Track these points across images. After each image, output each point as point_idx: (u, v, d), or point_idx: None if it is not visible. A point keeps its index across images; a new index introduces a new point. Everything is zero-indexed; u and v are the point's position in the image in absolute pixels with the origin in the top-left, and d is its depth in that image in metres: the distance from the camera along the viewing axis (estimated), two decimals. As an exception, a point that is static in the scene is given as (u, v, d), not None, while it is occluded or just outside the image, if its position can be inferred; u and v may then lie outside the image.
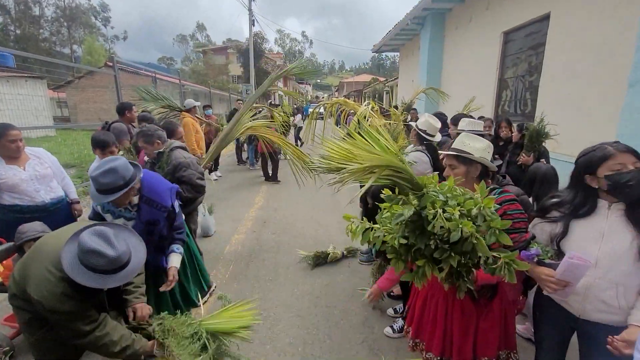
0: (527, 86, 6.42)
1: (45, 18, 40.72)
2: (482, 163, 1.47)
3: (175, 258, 2.01)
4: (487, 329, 1.49)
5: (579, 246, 1.29)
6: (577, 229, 1.31)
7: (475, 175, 1.50)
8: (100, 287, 1.35)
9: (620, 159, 1.20)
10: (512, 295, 1.56)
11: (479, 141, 1.50)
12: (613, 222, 1.25)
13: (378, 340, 2.40)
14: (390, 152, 1.24)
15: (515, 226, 1.36)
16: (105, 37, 51.01)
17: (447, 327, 1.56)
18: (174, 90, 11.37)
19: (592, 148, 1.30)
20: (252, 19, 18.78)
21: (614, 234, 1.24)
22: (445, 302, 1.55)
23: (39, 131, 10.09)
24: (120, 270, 1.37)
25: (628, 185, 1.16)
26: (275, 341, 2.41)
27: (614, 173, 1.20)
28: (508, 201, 1.41)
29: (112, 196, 1.64)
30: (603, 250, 1.25)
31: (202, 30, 69.61)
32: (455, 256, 1.12)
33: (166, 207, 1.93)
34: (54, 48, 41.08)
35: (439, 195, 1.15)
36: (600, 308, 1.27)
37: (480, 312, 1.51)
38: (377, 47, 14.59)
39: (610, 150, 1.23)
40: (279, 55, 48.33)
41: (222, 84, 27.87)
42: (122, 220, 1.85)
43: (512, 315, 1.56)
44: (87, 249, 1.30)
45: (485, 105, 7.31)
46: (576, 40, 4.88)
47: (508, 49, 6.97)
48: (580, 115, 4.82)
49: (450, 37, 9.44)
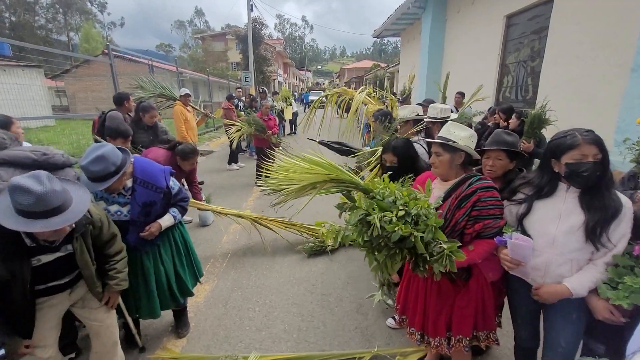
0: (528, 72, 6.30)
1: (40, 5, 40.00)
2: (465, 151, 1.54)
3: (167, 217, 2.02)
4: (462, 307, 1.59)
5: (540, 225, 1.42)
6: (538, 210, 1.44)
7: (459, 162, 1.56)
8: (22, 229, 1.24)
9: (584, 150, 1.29)
10: (493, 275, 1.60)
11: (464, 130, 1.56)
12: (569, 204, 1.37)
13: (371, 327, 2.44)
14: (328, 168, 1.46)
15: (490, 212, 1.47)
16: (102, 23, 50.28)
17: (426, 305, 1.68)
18: (171, 78, 11.26)
19: (564, 134, 1.37)
20: (251, 4, 18.35)
21: (569, 214, 1.36)
22: (424, 282, 1.66)
23: (38, 121, 10.07)
24: (52, 214, 1.24)
25: (582, 175, 1.29)
26: (271, 328, 2.46)
27: (573, 162, 1.30)
28: (483, 188, 1.47)
29: (105, 183, 1.64)
30: (560, 229, 1.37)
31: (201, 16, 68.38)
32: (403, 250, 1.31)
33: (161, 188, 1.94)
34: (51, 36, 40.52)
35: (386, 198, 1.32)
36: (558, 281, 1.40)
37: (458, 291, 1.60)
38: (377, 33, 14.29)
39: (577, 139, 1.30)
40: (278, 41, 47.45)
41: (221, 71, 27.52)
42: (117, 206, 1.85)
43: (490, 297, 1.61)
44: (13, 185, 1.19)
45: (486, 91, 7.21)
46: (579, 24, 4.76)
47: (510, 33, 6.81)
48: (581, 100, 4.74)
49: (452, 20, 9.23)
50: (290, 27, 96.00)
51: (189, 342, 2.32)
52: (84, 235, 1.53)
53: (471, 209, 1.46)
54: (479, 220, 1.47)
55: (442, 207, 1.52)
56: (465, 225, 1.49)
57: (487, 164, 1.76)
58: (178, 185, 2.12)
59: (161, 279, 2.04)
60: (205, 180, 6.09)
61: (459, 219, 1.48)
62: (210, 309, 2.66)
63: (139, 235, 1.91)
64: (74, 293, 1.66)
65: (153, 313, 2.06)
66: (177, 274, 2.15)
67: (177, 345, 2.28)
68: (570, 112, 4.73)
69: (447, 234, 1.49)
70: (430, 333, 1.67)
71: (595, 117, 4.41)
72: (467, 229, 1.49)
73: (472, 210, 1.46)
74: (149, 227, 1.93)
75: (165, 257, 2.08)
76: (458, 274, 1.56)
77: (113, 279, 1.70)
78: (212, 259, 3.46)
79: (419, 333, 1.73)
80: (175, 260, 2.14)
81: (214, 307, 2.68)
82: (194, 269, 2.28)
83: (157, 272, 2.03)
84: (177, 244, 2.17)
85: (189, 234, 2.28)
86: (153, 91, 4.82)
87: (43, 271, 1.46)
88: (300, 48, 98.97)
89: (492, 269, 1.59)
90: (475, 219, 1.47)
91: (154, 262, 2.02)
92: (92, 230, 1.58)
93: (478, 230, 1.48)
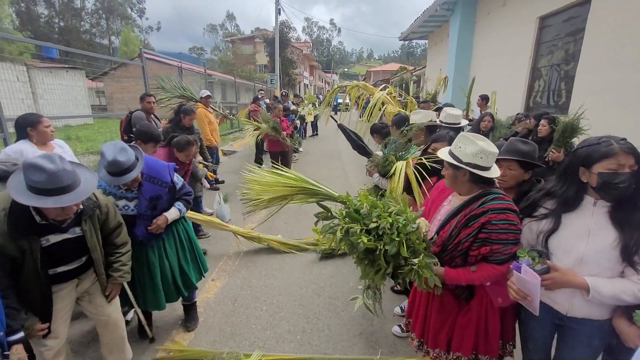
0: (562, 76, 5.96)
1: (86, 10, 43.01)
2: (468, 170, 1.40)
3: (172, 210, 2.13)
4: (463, 326, 1.53)
5: (567, 242, 1.28)
6: (564, 226, 1.29)
7: (465, 179, 1.43)
8: (35, 204, 1.33)
9: (620, 159, 1.15)
10: (503, 301, 1.48)
11: (471, 144, 1.39)
12: (599, 219, 1.24)
13: (375, 333, 2.41)
14: (298, 180, 1.64)
15: (501, 237, 1.33)
16: (141, 28, 53.13)
17: (427, 314, 1.65)
18: (200, 80, 11.68)
19: (596, 140, 1.23)
20: (278, 8, 18.71)
21: (599, 231, 1.22)
22: (427, 293, 1.61)
23: (78, 119, 10.81)
24: (63, 192, 1.33)
25: (617, 187, 1.15)
26: (276, 327, 2.49)
27: (608, 172, 1.16)
28: (497, 210, 1.34)
29: (131, 174, 1.77)
30: (589, 247, 1.23)
31: (232, 20, 70.54)
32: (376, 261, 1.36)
33: (167, 183, 2.07)
34: (94, 39, 43.42)
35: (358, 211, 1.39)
36: (587, 304, 1.27)
37: (461, 308, 1.55)
38: (404, 35, 14.08)
39: (614, 148, 1.16)
40: (305, 44, 47.96)
41: (248, 74, 28.21)
42: (124, 200, 1.97)
43: (494, 321, 1.51)
44: (27, 164, 1.30)
45: (515, 96, 6.89)
46: (618, 26, 4.45)
47: (543, 36, 6.48)
48: (619, 106, 4.43)
49: (481, 23, 8.92)
50: (318, 30, 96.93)
51: (196, 336, 2.39)
52: (91, 219, 1.63)
53: (478, 231, 1.36)
54: (486, 243, 1.36)
55: (450, 223, 1.45)
56: (469, 246, 1.40)
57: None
58: (182, 181, 2.23)
59: (166, 272, 2.13)
60: (226, 180, 6.26)
61: (462, 238, 1.39)
62: (219, 306, 2.73)
63: (146, 229, 2.01)
64: (80, 285, 1.74)
65: (158, 305, 2.15)
66: (182, 268, 2.25)
67: (185, 339, 2.36)
68: (607, 119, 4.43)
69: (449, 251, 1.44)
70: (429, 343, 1.64)
71: (633, 123, 4.10)
72: (472, 251, 1.40)
73: (479, 232, 1.36)
74: (155, 220, 2.04)
75: (170, 252, 2.18)
76: (458, 292, 1.51)
77: (117, 271, 1.79)
78: (225, 256, 3.55)
79: (418, 340, 1.71)
80: (179, 254, 2.24)
81: (222, 304, 2.75)
82: (198, 264, 2.37)
83: (162, 266, 2.12)
84: (181, 240, 2.27)
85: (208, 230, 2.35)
86: (174, 92, 5.01)
87: (52, 253, 1.53)
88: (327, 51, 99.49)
89: (502, 294, 1.47)
90: (482, 242, 1.37)
91: (159, 256, 2.12)
92: (100, 215, 1.67)
93: (484, 253, 1.38)
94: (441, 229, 1.49)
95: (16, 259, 1.42)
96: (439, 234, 1.50)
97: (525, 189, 1.65)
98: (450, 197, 1.60)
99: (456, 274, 1.44)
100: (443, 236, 1.47)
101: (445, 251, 1.46)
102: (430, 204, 1.70)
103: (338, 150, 9.93)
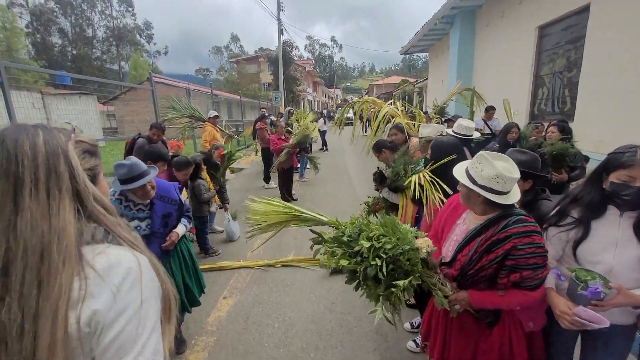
0: (565, 83, 6.00)
1: (97, 39, 44.88)
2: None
3: (180, 227, 2.29)
4: (486, 351, 1.43)
5: (595, 254, 1.28)
6: (592, 235, 1.29)
7: (478, 200, 1.34)
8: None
9: (634, 172, 1.17)
10: (534, 325, 1.42)
11: (490, 167, 1.27)
12: (625, 232, 1.24)
13: (390, 350, 2.37)
14: (289, 209, 1.84)
15: (529, 262, 1.25)
16: (149, 52, 54.98)
17: (447, 337, 1.55)
18: (207, 100, 11.99)
19: (627, 149, 1.23)
20: (281, 29, 19.30)
21: (627, 243, 1.23)
22: (445, 313, 1.51)
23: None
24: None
25: (622, 199, 1.20)
26: (289, 345, 2.46)
27: (618, 182, 1.20)
28: (521, 234, 1.25)
29: (145, 179, 1.92)
30: (617, 260, 1.24)
31: (236, 41, 72.67)
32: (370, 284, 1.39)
33: (176, 201, 2.22)
34: (105, 65, 45.09)
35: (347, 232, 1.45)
36: (615, 312, 1.27)
37: (482, 333, 1.45)
38: (405, 49, 14.35)
39: (631, 159, 1.18)
40: (308, 61, 49.04)
41: (253, 92, 28.87)
42: (137, 221, 2.04)
43: (520, 344, 1.40)
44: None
45: (519, 104, 6.91)
46: (619, 32, 4.50)
47: (544, 44, 6.57)
48: (624, 112, 4.42)
49: (480, 34, 9.07)
50: (320, 47, 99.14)
51: (210, 355, 2.38)
52: None
53: (503, 257, 1.27)
54: (516, 270, 1.28)
55: (469, 246, 1.37)
56: (495, 274, 1.31)
57: None
58: (183, 198, 2.36)
59: None
60: (234, 198, 6.30)
61: (485, 264, 1.31)
62: (231, 324, 2.72)
63: (160, 246, 2.10)
64: None
65: None
66: (186, 285, 2.33)
67: (199, 358, 2.35)
68: (611, 124, 4.42)
69: (470, 277, 1.37)
70: None
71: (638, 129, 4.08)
72: (500, 278, 1.32)
73: (505, 259, 1.28)
74: (169, 237, 2.15)
75: (175, 270, 2.26)
76: (482, 315, 1.42)
77: None
78: (236, 273, 3.56)
79: None
80: (183, 272, 2.32)
81: (235, 322, 2.74)
82: (199, 280, 2.44)
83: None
84: (184, 256, 2.35)
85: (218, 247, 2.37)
86: (184, 112, 5.18)
87: None
88: (330, 67, 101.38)
89: (533, 318, 1.40)
90: (510, 269, 1.28)
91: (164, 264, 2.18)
92: None
93: (514, 281, 1.29)
94: (459, 252, 1.41)
95: None
96: (456, 258, 1.42)
97: (529, 199, 1.63)
98: (464, 214, 1.51)
99: (482, 297, 1.36)
100: (462, 260, 1.38)
101: (466, 277, 1.38)
102: (443, 222, 1.61)
103: (344, 163, 9.99)
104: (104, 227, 0.65)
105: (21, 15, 36.47)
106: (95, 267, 0.59)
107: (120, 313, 0.58)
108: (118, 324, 0.57)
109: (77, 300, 0.56)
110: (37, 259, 0.54)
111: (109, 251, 0.62)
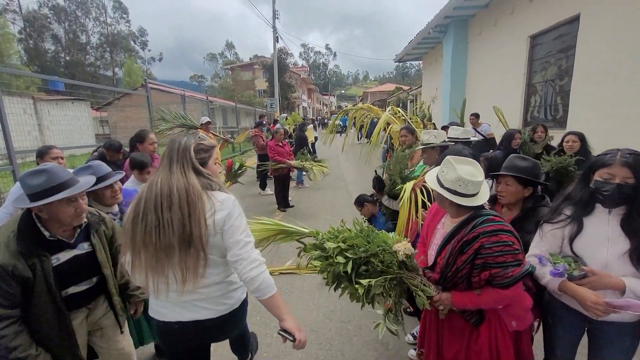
0: (557, 90, 6.11)
1: (91, 45, 44.67)
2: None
3: None
4: (477, 353, 1.45)
5: (589, 248, 1.34)
6: (586, 230, 1.36)
7: (446, 203, 1.41)
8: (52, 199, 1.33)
9: (614, 170, 1.26)
10: (518, 325, 1.43)
11: (452, 171, 1.35)
12: (614, 227, 1.31)
13: (391, 358, 2.33)
14: (275, 225, 2.07)
15: (497, 260, 1.27)
16: (143, 59, 54.79)
17: (440, 341, 1.58)
18: (202, 107, 11.97)
19: (610, 151, 1.34)
20: (276, 36, 19.45)
21: (617, 238, 1.30)
22: (437, 318, 1.55)
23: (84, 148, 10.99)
24: (67, 187, 1.37)
25: (603, 194, 1.28)
26: (288, 355, 2.41)
27: (600, 180, 1.29)
28: (488, 233, 1.28)
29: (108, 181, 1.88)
30: (611, 254, 1.30)
31: (231, 48, 72.79)
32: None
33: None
34: (98, 71, 44.80)
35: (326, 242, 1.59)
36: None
37: (471, 334, 1.47)
38: (399, 57, 14.53)
39: (611, 159, 1.28)
40: (303, 68, 49.39)
41: (248, 99, 28.90)
42: None
43: (505, 345, 1.42)
44: (23, 176, 1.36)
45: (513, 112, 7.02)
46: (609, 40, 4.61)
47: (535, 53, 6.70)
48: (616, 119, 4.50)
49: (474, 43, 9.23)
50: (315, 55, 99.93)
51: (206, 367, 2.31)
52: (98, 234, 1.63)
53: (474, 257, 1.31)
54: (485, 268, 1.31)
55: (445, 249, 1.40)
56: (470, 273, 1.35)
57: (497, 189, 1.69)
58: None
59: None
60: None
61: (460, 265, 1.34)
62: (229, 334, 2.66)
63: None
64: (91, 316, 1.67)
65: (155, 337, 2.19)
66: None
67: (195, 370, 2.28)
68: (604, 131, 4.49)
69: (450, 279, 1.40)
70: None
71: (631, 136, 4.15)
72: (474, 277, 1.35)
73: (475, 258, 1.31)
74: None
75: None
76: (466, 316, 1.45)
77: (137, 288, 1.80)
78: (233, 282, 3.49)
79: None
80: None
81: (232, 332, 2.68)
82: None
83: None
84: None
85: None
86: (175, 122, 5.10)
87: (63, 272, 1.47)
88: (324, 74, 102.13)
89: (515, 317, 1.42)
90: (481, 267, 1.32)
91: None
92: (106, 230, 1.68)
93: (485, 279, 1.33)
94: (438, 255, 1.45)
95: (27, 281, 1.36)
96: (436, 261, 1.46)
97: (529, 206, 1.64)
98: (443, 219, 1.56)
99: (462, 297, 1.40)
100: (441, 263, 1.42)
101: (446, 279, 1.42)
102: (426, 228, 1.64)
103: (340, 169, 10.00)
104: (213, 184, 1.33)
105: (14, 21, 36.22)
106: (218, 199, 1.29)
107: (233, 215, 1.30)
108: (233, 219, 1.29)
109: (212, 213, 1.26)
110: (184, 194, 1.23)
111: (220, 193, 1.32)
